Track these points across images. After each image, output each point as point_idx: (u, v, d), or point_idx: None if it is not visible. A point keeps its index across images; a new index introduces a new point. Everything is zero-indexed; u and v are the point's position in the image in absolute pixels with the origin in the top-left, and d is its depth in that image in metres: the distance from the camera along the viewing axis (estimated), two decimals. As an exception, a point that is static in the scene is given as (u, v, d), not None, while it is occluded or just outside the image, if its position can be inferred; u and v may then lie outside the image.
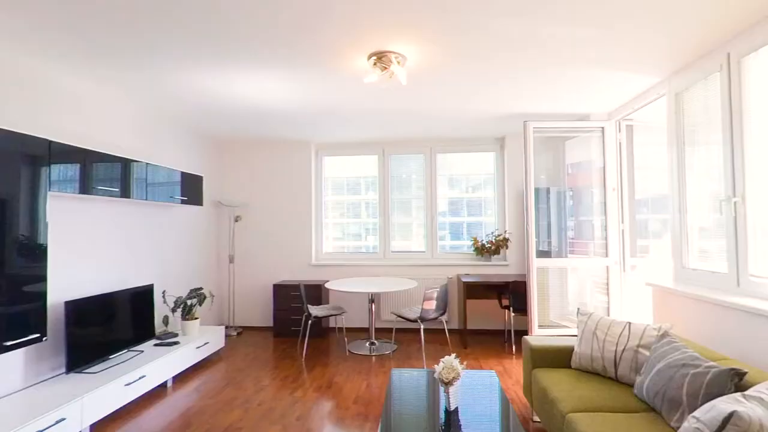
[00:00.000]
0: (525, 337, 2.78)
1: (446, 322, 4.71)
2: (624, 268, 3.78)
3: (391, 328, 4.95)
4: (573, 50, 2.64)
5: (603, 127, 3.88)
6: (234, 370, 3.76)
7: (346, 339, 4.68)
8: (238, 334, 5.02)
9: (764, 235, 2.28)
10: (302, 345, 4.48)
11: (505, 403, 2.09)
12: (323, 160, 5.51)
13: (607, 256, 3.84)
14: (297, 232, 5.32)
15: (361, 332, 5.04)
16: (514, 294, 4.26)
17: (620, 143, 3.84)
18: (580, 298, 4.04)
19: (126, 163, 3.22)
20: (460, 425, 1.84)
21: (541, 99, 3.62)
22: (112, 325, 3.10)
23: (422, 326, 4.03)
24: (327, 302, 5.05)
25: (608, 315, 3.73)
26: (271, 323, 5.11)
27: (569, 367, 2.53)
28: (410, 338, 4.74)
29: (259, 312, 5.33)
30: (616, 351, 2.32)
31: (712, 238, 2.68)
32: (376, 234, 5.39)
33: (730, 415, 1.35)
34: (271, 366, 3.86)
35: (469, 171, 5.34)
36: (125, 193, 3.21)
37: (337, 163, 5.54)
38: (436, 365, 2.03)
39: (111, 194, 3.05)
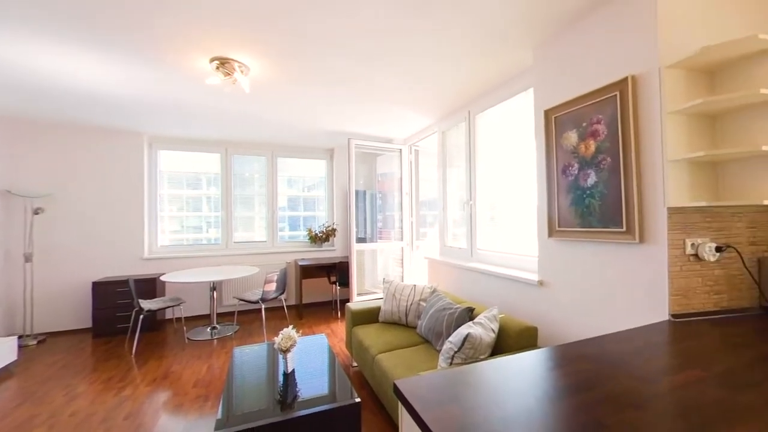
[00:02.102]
0: (347, 304, 2.94)
1: (285, 300, 4.56)
2: (412, 248, 4.46)
3: (234, 312, 4.46)
4: (387, 94, 2.95)
5: (401, 149, 4.46)
6: (34, 383, 2.66)
7: (185, 328, 3.94)
8: (39, 342, 3.57)
9: (483, 225, 3.07)
10: (132, 341, 3.55)
11: (332, 357, 2.17)
12: (158, 153, 4.47)
13: (402, 240, 4.45)
14: (125, 226, 4.14)
15: (202, 319, 4.35)
16: (339, 272, 4.47)
17: (411, 161, 4.50)
18: (385, 270, 4.56)
19: None
20: (296, 382, 1.82)
21: (361, 124, 3.89)
22: None
23: (263, 306, 3.78)
24: (163, 295, 4.15)
25: (402, 281, 4.33)
26: (89, 324, 3.86)
27: (378, 321, 2.83)
28: (252, 318, 4.38)
29: (72, 314, 3.91)
30: (407, 305, 2.72)
31: (459, 227, 3.43)
32: (218, 227, 4.73)
33: (467, 336, 1.77)
34: (88, 370, 2.91)
35: (306, 174, 5.29)
36: None
37: (176, 158, 4.58)
38: (275, 337, 1.94)
39: None
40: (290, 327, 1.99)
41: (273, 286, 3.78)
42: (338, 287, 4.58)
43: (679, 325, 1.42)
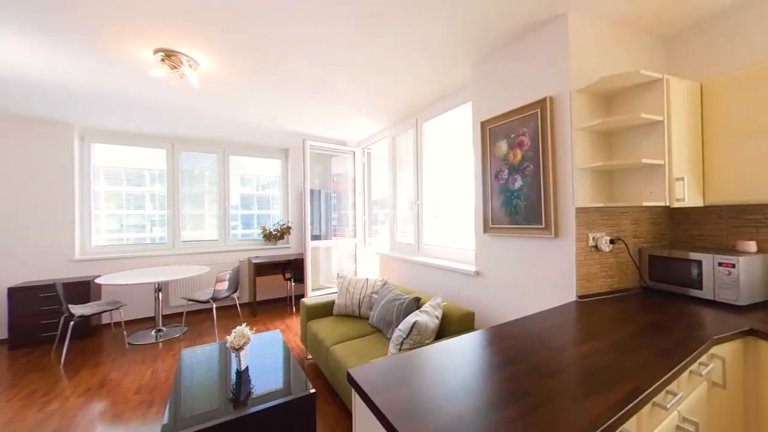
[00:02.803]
0: (302, 299, 2.85)
1: (238, 298, 4.28)
2: (365, 245, 4.47)
3: (182, 313, 4.07)
4: (342, 100, 2.89)
5: (354, 152, 4.44)
6: (-73, 408, 2.16)
7: (125, 333, 3.50)
8: (-63, 359, 2.90)
9: (428, 222, 3.18)
10: (60, 350, 3.05)
11: (287, 351, 2.10)
12: (91, 146, 3.89)
13: (355, 237, 4.43)
14: (52, 225, 3.53)
15: (146, 322, 3.90)
16: (294, 268, 4.32)
17: (364, 163, 4.50)
18: (340, 266, 4.51)
19: None
20: (250, 379, 1.73)
21: (317, 126, 3.79)
22: None
23: (215, 305, 3.51)
24: (98, 299, 3.63)
25: (356, 276, 4.32)
26: (4, 335, 3.24)
27: (332, 315, 2.79)
28: (202, 318, 4.04)
29: (-19, 325, 3.25)
30: (360, 298, 2.72)
31: (408, 224, 3.52)
32: (164, 225, 4.27)
33: (414, 323, 1.82)
34: (4, 386, 2.43)
35: (260, 172, 5.00)
36: None
37: (114, 152, 4.03)
38: (228, 336, 1.81)
39: None
40: (244, 325, 1.87)
41: (225, 285, 3.53)
42: (293, 284, 4.43)
43: (583, 304, 1.62)
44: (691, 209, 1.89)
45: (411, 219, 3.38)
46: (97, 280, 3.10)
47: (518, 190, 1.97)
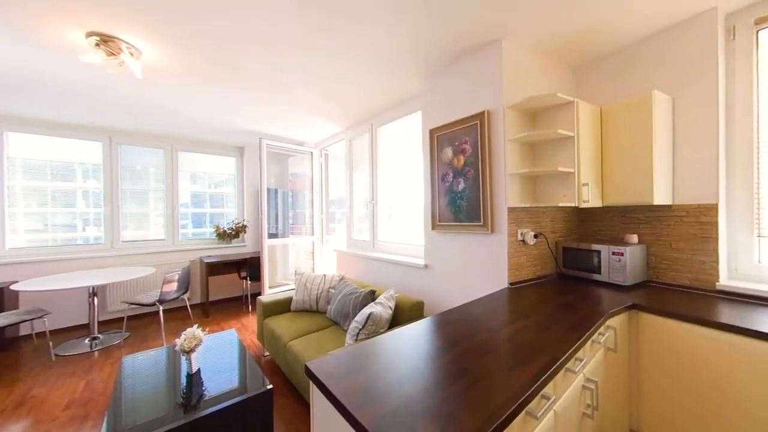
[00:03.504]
0: (259, 297, 2.69)
1: (188, 299, 3.89)
2: (322, 242, 4.37)
3: (123, 318, 3.58)
4: (299, 102, 2.77)
5: (312, 152, 4.31)
6: None
7: (51, 344, 2.94)
8: None
9: (383, 220, 3.22)
10: (-38, 370, 2.47)
11: (243, 350, 1.96)
12: (5, 135, 3.22)
13: (313, 234, 4.31)
14: (-52, 225, 2.85)
15: (79, 330, 3.35)
16: (250, 266, 4.06)
17: (321, 164, 4.39)
18: (297, 263, 4.35)
19: None
20: (202, 381, 1.58)
21: (274, 126, 3.59)
22: None
23: (161, 308, 3.14)
24: (16, 307, 3.03)
25: (313, 272, 4.21)
26: None
27: (290, 311, 2.68)
28: (148, 322, 3.60)
29: None
30: (317, 293, 2.66)
31: (363, 222, 3.52)
32: (100, 224, 3.70)
33: (370, 314, 1.83)
34: None
35: (213, 170, 4.59)
36: None
37: (36, 143, 3.38)
38: (177, 339, 1.64)
39: None
40: (195, 326, 1.71)
41: (174, 286, 3.18)
42: (249, 282, 4.16)
43: (513, 290, 1.78)
44: (593, 209, 2.18)
45: (366, 217, 3.39)
46: (13, 287, 2.58)
47: (461, 192, 2.09)
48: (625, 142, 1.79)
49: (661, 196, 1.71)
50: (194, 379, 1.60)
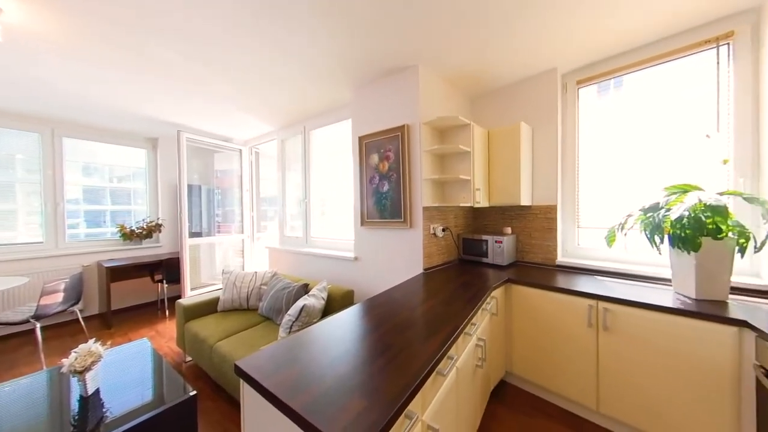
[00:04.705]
0: (178, 300, 2.27)
1: (80, 311, 3.02)
2: (253, 240, 3.96)
3: (-26, 343, 2.53)
4: (224, 98, 2.42)
5: (241, 150, 3.85)
6: None
7: None
8: None
9: (316, 218, 3.11)
10: None
11: (158, 359, 1.63)
12: None
13: (243, 232, 3.87)
14: None
15: None
16: (168, 269, 3.39)
17: (252, 162, 3.95)
18: (225, 262, 3.83)
19: None
20: (102, 402, 1.25)
21: (198, 120, 3.05)
22: None
23: (38, 325, 2.34)
24: None
25: (243, 270, 3.78)
26: None
27: (216, 311, 2.35)
28: (17, 344, 2.64)
29: None
30: (248, 291, 2.40)
31: (296, 220, 3.33)
32: (-71, 225, 2.52)
33: (303, 306, 1.75)
34: None
35: (116, 162, 3.63)
36: None
37: None
38: (64, 359, 1.26)
39: None
40: (92, 341, 1.34)
41: (58, 298, 2.42)
42: (166, 285, 3.47)
43: (427, 275, 1.95)
44: (483, 208, 2.55)
45: (300, 215, 3.22)
46: None
47: (386, 193, 2.17)
48: (503, 158, 2.15)
49: (525, 199, 2.11)
50: (90, 402, 1.25)
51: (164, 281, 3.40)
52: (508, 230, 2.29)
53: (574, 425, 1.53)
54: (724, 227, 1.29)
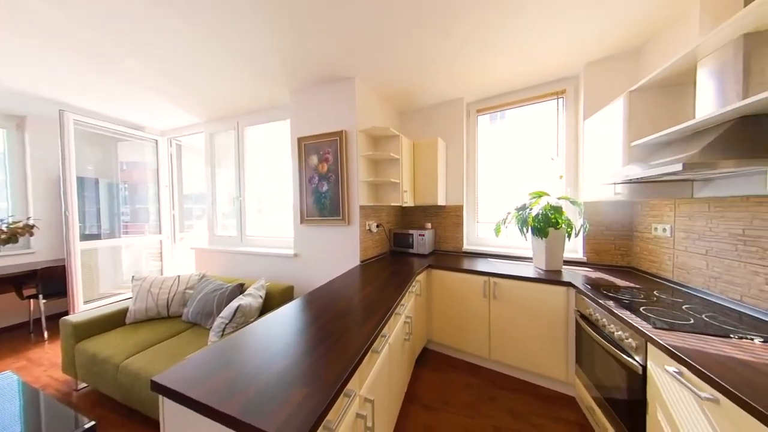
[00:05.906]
0: (64, 318, 1.68)
1: None
2: (175, 240, 3.26)
3: None
4: (140, 83, 1.89)
5: (157, 140, 3.10)
6: None
7: None
8: None
9: (251, 216, 2.77)
10: None
11: (31, 395, 1.17)
12: None
13: (160, 233, 3.14)
14: None
15: None
16: (44, 280, 2.46)
17: (172, 155, 3.23)
18: (136, 267, 3.03)
19: None
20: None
21: (93, 99, 2.29)
22: None
23: None
24: None
25: (162, 275, 3.07)
26: None
27: (124, 324, 1.84)
28: None
29: None
30: (168, 297, 1.97)
31: (229, 218, 2.89)
32: None
33: (238, 307, 1.54)
34: None
35: (-53, 142, 2.42)
36: None
37: None
38: None
39: None
40: None
41: None
42: (43, 301, 2.52)
43: (363, 266, 1.97)
44: (410, 207, 2.74)
45: (233, 213, 2.80)
46: None
47: (325, 193, 2.10)
48: (425, 166, 2.35)
49: (441, 200, 2.36)
50: None
51: (40, 296, 2.46)
52: (429, 225, 2.53)
53: (474, 372, 1.81)
54: (560, 221, 1.73)
